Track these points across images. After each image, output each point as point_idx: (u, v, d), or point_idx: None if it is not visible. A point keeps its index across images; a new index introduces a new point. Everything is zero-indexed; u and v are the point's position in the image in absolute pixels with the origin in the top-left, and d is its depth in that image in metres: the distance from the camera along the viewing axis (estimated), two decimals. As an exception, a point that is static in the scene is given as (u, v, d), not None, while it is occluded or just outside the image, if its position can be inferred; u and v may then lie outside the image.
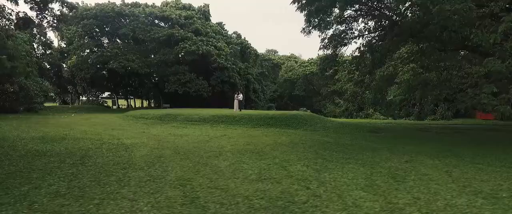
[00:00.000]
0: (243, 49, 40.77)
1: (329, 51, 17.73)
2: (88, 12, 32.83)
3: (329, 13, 17.80)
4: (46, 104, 31.72)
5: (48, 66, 35.84)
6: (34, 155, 7.10)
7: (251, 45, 42.06)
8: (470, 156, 8.09)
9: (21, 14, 7.58)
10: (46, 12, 7.81)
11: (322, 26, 18.46)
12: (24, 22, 7.57)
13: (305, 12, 15.15)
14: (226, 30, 42.07)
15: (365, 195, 4.42)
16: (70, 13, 8.81)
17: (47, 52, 35.92)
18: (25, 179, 5.03)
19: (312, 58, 53.76)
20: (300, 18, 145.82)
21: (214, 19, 42.01)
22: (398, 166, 6.61)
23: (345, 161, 7.12)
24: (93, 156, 7.16)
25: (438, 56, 12.29)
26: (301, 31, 16.10)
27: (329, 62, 16.90)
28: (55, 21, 8.08)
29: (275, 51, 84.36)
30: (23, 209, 3.65)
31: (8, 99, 23.63)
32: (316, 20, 17.38)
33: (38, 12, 7.74)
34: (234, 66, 35.66)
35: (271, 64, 60.39)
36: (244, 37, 42.22)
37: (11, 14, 7.69)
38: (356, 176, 5.57)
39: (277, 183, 5.06)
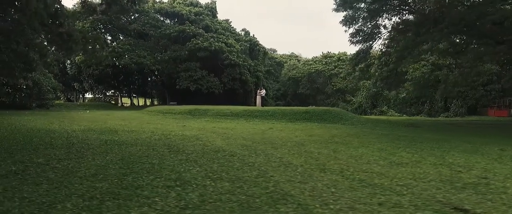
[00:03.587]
0: (252, 47, 40.38)
1: (362, 46, 17.64)
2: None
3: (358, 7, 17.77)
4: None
5: (54, 62, 34.64)
6: (116, 144, 6.64)
7: (260, 43, 41.72)
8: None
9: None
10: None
11: (349, 21, 18.42)
12: (107, 4, 7.04)
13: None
14: (233, 27, 41.60)
15: (534, 177, 4.18)
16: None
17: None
18: (149, 164, 4.63)
19: (316, 57, 53.74)
20: (298, 18, 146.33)
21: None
22: (504, 153, 6.42)
23: (439, 149, 6.89)
24: (178, 145, 6.75)
25: (499, 49, 12.12)
26: (340, 22, 16.05)
27: (364, 56, 16.75)
28: (129, 4, 7.60)
29: (274, 50, 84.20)
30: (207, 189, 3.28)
31: (19, 96, 22.71)
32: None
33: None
34: (245, 63, 35.25)
35: (274, 62, 60.15)
36: (253, 35, 41.88)
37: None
38: (487, 162, 5.34)
39: (416, 167, 4.79)
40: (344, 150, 6.51)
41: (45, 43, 6.99)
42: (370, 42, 17.11)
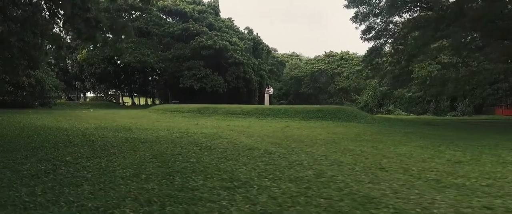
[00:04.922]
0: (255, 45, 39.91)
1: (375, 43, 17.26)
2: (100, 5, 31.32)
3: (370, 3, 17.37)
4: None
5: (53, 61, 33.96)
6: (140, 142, 6.19)
7: (263, 41, 41.29)
8: None
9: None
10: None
11: (360, 18, 18.01)
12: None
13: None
14: (236, 26, 41.15)
15: None
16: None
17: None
18: (189, 163, 4.19)
19: (318, 56, 53.30)
20: (300, 17, 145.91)
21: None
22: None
23: (483, 147, 6.49)
24: (205, 143, 6.30)
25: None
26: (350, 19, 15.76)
27: (379, 53, 16.33)
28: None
29: (275, 50, 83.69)
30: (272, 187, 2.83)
31: (20, 94, 22.14)
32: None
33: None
34: (249, 62, 34.77)
35: (275, 61, 59.71)
36: (256, 33, 41.45)
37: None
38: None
39: (481, 166, 4.37)
40: (385, 148, 6.09)
41: (63, 33, 6.49)
42: (384, 39, 16.70)
